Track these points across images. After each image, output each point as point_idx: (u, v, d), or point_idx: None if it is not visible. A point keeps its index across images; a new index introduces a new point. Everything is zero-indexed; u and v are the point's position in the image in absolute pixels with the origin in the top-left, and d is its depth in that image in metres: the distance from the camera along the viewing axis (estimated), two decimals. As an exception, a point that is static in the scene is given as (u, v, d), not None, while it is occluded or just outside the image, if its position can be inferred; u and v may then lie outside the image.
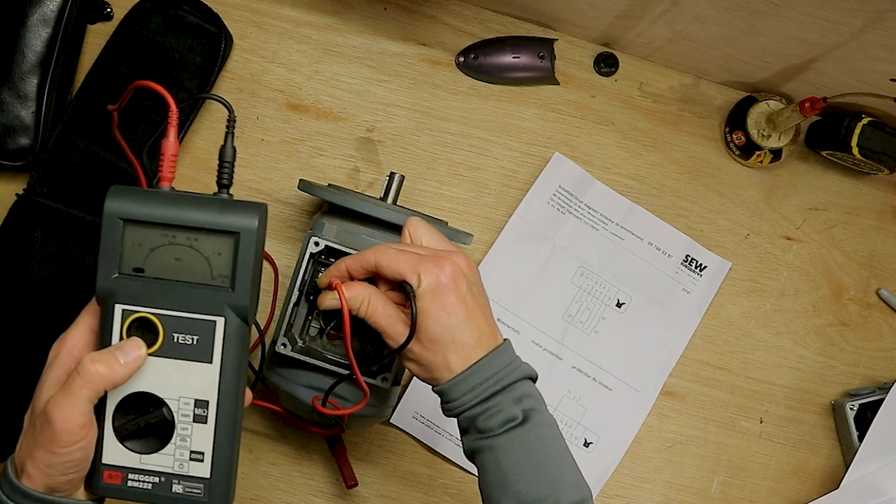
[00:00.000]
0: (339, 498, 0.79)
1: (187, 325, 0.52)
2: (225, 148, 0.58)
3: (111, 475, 0.54)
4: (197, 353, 0.53)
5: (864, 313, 0.86)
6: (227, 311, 0.52)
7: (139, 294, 0.52)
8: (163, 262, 0.52)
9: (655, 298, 0.84)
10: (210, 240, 0.52)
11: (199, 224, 0.52)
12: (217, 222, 0.52)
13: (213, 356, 0.53)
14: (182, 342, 0.53)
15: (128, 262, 0.52)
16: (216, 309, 0.52)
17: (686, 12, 0.74)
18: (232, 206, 0.53)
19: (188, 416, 0.53)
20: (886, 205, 0.88)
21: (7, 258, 0.75)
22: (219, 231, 0.52)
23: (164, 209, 0.52)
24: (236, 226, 0.52)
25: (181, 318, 0.52)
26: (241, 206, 0.53)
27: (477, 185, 0.83)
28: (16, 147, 0.76)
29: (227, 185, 0.57)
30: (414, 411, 0.80)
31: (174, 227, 0.52)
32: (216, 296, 0.52)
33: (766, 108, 0.85)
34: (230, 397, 0.53)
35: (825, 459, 0.85)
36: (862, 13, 0.67)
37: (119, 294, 0.52)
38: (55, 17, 0.77)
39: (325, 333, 0.71)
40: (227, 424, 0.53)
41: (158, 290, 0.52)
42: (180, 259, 0.52)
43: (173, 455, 0.53)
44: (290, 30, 0.83)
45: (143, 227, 0.52)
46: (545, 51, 0.84)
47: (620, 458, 0.82)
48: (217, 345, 0.53)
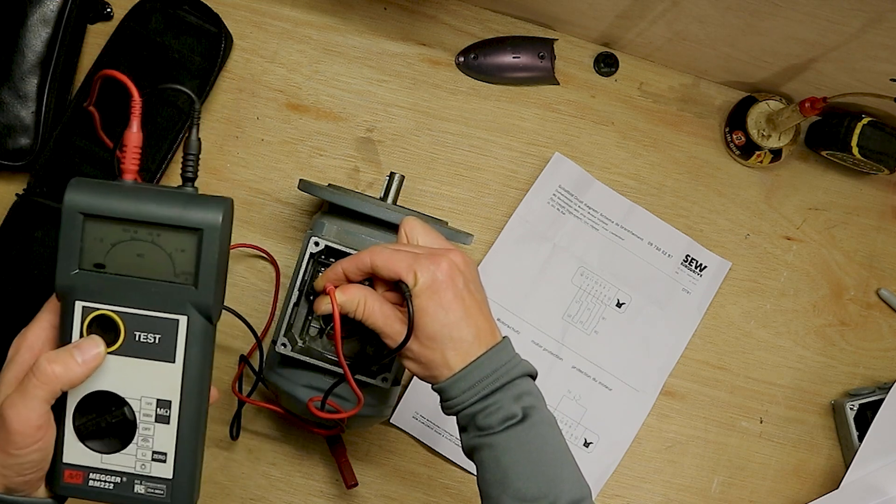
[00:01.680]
0: (339, 498, 0.79)
1: (149, 324, 0.51)
2: (189, 139, 0.55)
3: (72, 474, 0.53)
4: (159, 353, 0.51)
5: (864, 313, 0.86)
6: (190, 310, 0.51)
7: (100, 290, 0.51)
8: (124, 258, 0.51)
9: (655, 298, 0.84)
10: (172, 236, 0.51)
11: (160, 220, 0.50)
12: (179, 218, 0.50)
13: (176, 356, 0.51)
14: (144, 341, 0.51)
15: (88, 258, 0.51)
16: (179, 307, 0.51)
17: (686, 12, 0.74)
18: (195, 200, 0.51)
19: (150, 416, 0.52)
20: (886, 205, 0.88)
21: (7, 258, 0.75)
22: (181, 227, 0.50)
23: (126, 203, 0.50)
24: (199, 222, 0.50)
25: (143, 316, 0.51)
26: (204, 201, 0.51)
27: (477, 185, 0.83)
28: (16, 147, 0.76)
29: (191, 179, 0.54)
30: (414, 411, 0.80)
31: (135, 222, 0.50)
32: (179, 294, 0.51)
33: (766, 108, 0.85)
34: (193, 398, 0.52)
35: (825, 459, 0.85)
36: (862, 13, 0.67)
37: (79, 290, 0.51)
38: (55, 17, 0.77)
39: (325, 333, 0.71)
40: (191, 425, 0.52)
41: (120, 287, 0.51)
42: (142, 255, 0.51)
43: (135, 455, 0.53)
44: (290, 30, 0.83)
45: (104, 221, 0.50)
46: (545, 51, 0.84)
47: (620, 458, 0.82)
48: (180, 344, 0.51)
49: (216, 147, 0.81)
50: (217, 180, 0.81)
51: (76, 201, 0.50)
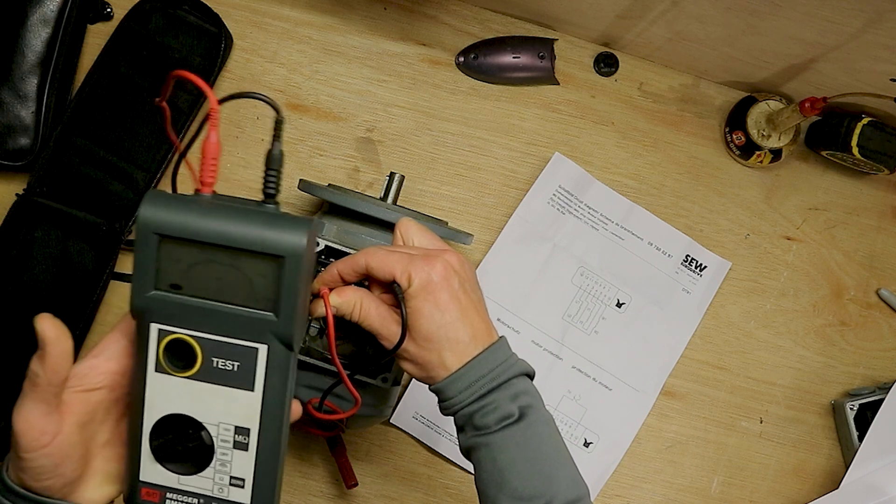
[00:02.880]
0: (339, 498, 0.79)
1: (227, 351, 0.49)
2: (272, 153, 0.51)
3: (149, 493, 0.52)
4: (238, 380, 0.50)
5: (864, 313, 0.86)
6: (270, 339, 0.49)
7: (176, 313, 0.49)
8: (202, 280, 0.48)
9: (655, 298, 0.84)
10: (253, 260, 0.48)
11: (240, 244, 0.47)
12: (261, 243, 0.47)
13: (255, 384, 0.50)
14: (222, 367, 0.49)
15: (164, 278, 0.48)
16: (258, 336, 0.49)
17: (686, 12, 0.74)
18: (278, 221, 0.48)
19: (228, 441, 0.51)
20: (886, 205, 0.88)
21: (7, 258, 0.75)
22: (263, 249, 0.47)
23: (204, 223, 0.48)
24: (282, 248, 0.47)
25: (221, 342, 0.49)
26: (288, 223, 0.48)
27: (477, 185, 0.83)
28: (16, 147, 0.76)
29: (273, 195, 0.51)
30: (414, 411, 0.80)
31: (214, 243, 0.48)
32: (259, 322, 0.49)
33: (766, 108, 0.85)
34: (273, 426, 0.51)
35: (825, 459, 0.85)
36: (862, 13, 0.67)
37: (155, 312, 0.49)
38: (55, 17, 0.77)
39: (324, 334, 0.71)
40: (270, 452, 0.51)
41: (197, 311, 0.49)
42: (221, 278, 0.48)
43: (213, 479, 0.51)
44: (290, 30, 0.83)
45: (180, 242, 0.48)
46: (545, 51, 0.84)
47: (620, 458, 0.82)
48: (259, 373, 0.49)
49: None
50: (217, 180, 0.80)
51: (152, 219, 0.47)
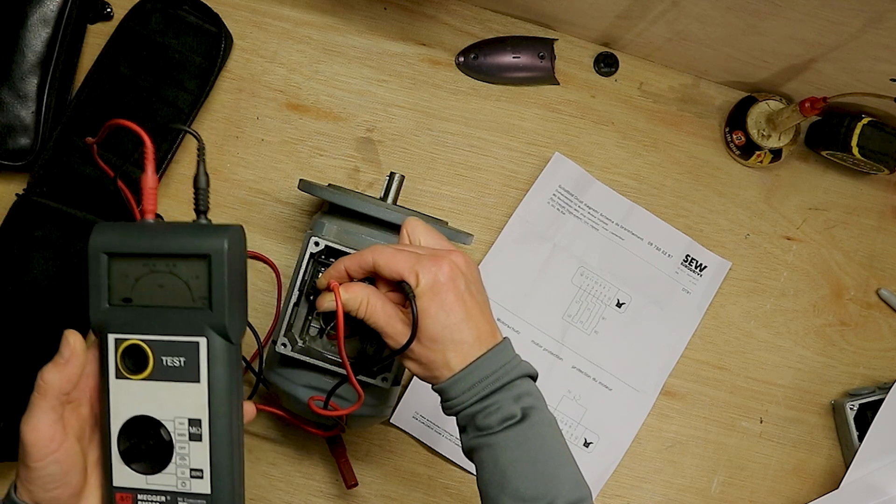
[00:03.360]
0: (339, 498, 0.79)
1: (174, 348, 0.55)
2: (198, 176, 0.60)
3: (122, 497, 0.56)
4: (185, 374, 0.55)
5: (864, 313, 0.86)
6: (208, 331, 0.55)
7: (129, 322, 0.55)
8: (148, 290, 0.55)
9: (655, 298, 0.84)
10: (187, 264, 0.55)
11: (174, 251, 0.55)
12: (190, 247, 0.55)
13: (200, 375, 0.55)
14: (171, 364, 0.55)
15: (116, 294, 0.55)
16: (198, 329, 0.55)
17: (686, 12, 0.74)
18: (204, 230, 0.56)
19: (184, 435, 0.55)
20: (886, 205, 0.88)
21: (7, 258, 0.75)
22: (193, 255, 0.55)
23: (143, 240, 0.55)
24: (207, 249, 0.54)
25: (167, 341, 0.55)
26: (212, 230, 0.56)
27: (477, 185, 0.83)
28: (16, 147, 0.76)
29: (203, 211, 0.59)
30: (414, 411, 0.80)
31: (153, 256, 0.55)
32: (197, 317, 0.55)
33: (766, 108, 0.85)
34: (221, 413, 0.55)
35: (825, 459, 0.85)
36: (862, 13, 0.67)
37: (110, 324, 0.55)
38: (55, 17, 0.77)
39: (325, 333, 0.71)
40: (222, 440, 0.55)
41: (146, 317, 0.55)
42: (163, 286, 0.55)
43: (175, 474, 0.55)
44: (290, 30, 0.83)
45: (126, 258, 0.55)
46: (545, 51, 0.84)
47: (620, 458, 0.82)
48: (203, 364, 0.55)
49: (216, 147, 0.81)
50: (217, 180, 0.81)
51: (100, 243, 0.55)
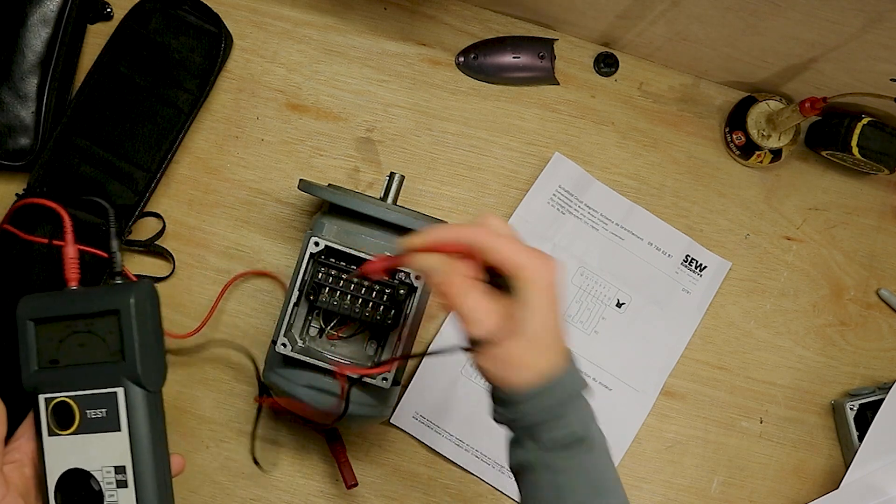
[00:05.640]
0: (339, 498, 0.79)
1: (96, 401, 0.59)
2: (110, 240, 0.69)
3: None
4: (108, 424, 0.59)
5: (864, 313, 0.86)
6: (124, 381, 0.59)
7: (56, 381, 0.60)
8: (71, 350, 0.60)
9: (655, 298, 0.84)
10: (102, 321, 0.60)
11: (89, 310, 0.60)
12: (102, 305, 0.60)
13: (121, 423, 0.58)
14: (94, 416, 0.59)
15: (44, 356, 0.60)
16: (114, 381, 0.59)
17: (686, 12, 0.74)
18: (116, 289, 0.61)
19: (112, 483, 0.58)
20: (886, 205, 0.88)
21: (7, 258, 0.75)
22: (105, 312, 0.60)
23: (64, 304, 0.61)
24: (117, 304, 0.59)
25: (90, 395, 0.59)
26: (123, 288, 0.60)
27: (477, 185, 0.83)
28: (16, 147, 0.76)
29: (117, 273, 0.68)
30: (414, 411, 0.80)
31: (73, 317, 0.60)
32: (113, 369, 0.59)
33: (766, 108, 0.85)
34: (144, 457, 0.58)
35: (825, 459, 0.85)
36: (862, 13, 0.67)
37: (40, 385, 0.60)
38: (55, 17, 0.77)
39: (325, 333, 0.71)
40: (148, 483, 0.58)
41: (71, 375, 0.59)
42: (83, 344, 0.60)
43: None
44: (290, 30, 0.83)
45: (50, 323, 0.60)
46: (545, 51, 0.84)
47: (620, 458, 0.82)
48: (122, 412, 0.58)
49: (216, 147, 0.81)
50: (217, 180, 0.81)
51: (26, 312, 0.61)
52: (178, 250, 0.79)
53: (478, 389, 0.81)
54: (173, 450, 0.62)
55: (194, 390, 0.79)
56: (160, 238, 0.79)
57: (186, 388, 0.78)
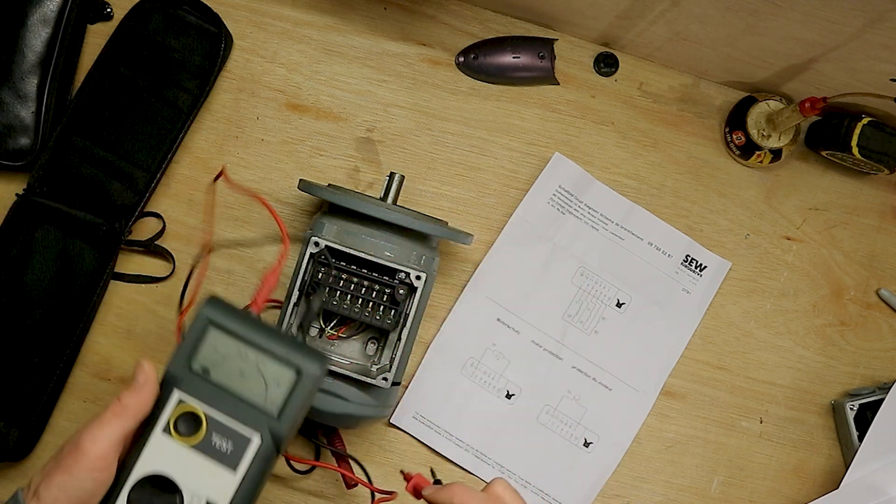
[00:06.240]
0: (339, 498, 0.79)
1: (227, 431, 0.56)
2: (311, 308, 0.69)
3: None
4: (226, 459, 0.56)
5: (864, 313, 0.86)
6: (265, 432, 0.56)
7: (199, 388, 0.57)
8: (228, 371, 0.57)
9: (655, 298, 0.84)
10: (275, 367, 0.57)
11: (272, 350, 0.57)
12: (288, 355, 0.57)
13: (239, 467, 0.56)
14: (217, 444, 0.56)
15: (200, 359, 0.57)
16: (258, 426, 0.56)
17: (686, 12, 0.74)
18: (305, 348, 0.58)
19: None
20: (886, 205, 0.88)
21: (7, 258, 0.75)
22: (286, 362, 0.57)
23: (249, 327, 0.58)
24: (302, 365, 0.57)
25: (225, 423, 0.56)
26: (313, 353, 0.58)
27: (477, 185, 0.83)
28: (16, 147, 0.76)
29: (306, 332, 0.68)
30: (414, 411, 0.80)
31: (250, 343, 0.57)
32: (262, 417, 0.56)
33: (766, 108, 0.85)
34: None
35: (825, 459, 0.85)
36: (862, 13, 0.67)
37: (182, 381, 0.57)
38: (55, 17, 0.77)
39: (324, 333, 0.71)
40: None
41: (216, 392, 0.57)
42: (244, 374, 0.57)
43: None
44: (290, 30, 0.83)
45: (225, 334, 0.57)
46: (545, 51, 0.84)
47: (620, 458, 0.82)
48: (246, 457, 0.56)
49: (216, 147, 0.81)
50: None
51: (210, 312, 0.58)
52: (178, 250, 0.79)
53: (478, 389, 0.81)
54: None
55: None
56: (160, 238, 0.79)
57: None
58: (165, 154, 0.78)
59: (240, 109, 0.81)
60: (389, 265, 0.69)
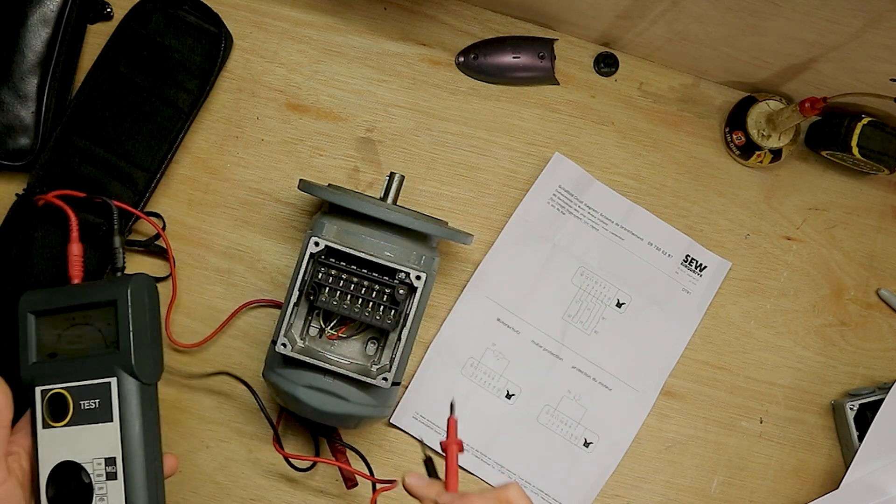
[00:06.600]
0: (339, 498, 0.79)
1: (89, 391, 0.59)
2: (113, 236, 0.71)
3: None
4: (100, 415, 0.58)
5: (864, 313, 0.86)
6: (118, 371, 0.59)
7: (53, 373, 0.60)
8: (69, 343, 0.60)
9: (655, 298, 0.84)
10: (99, 313, 0.60)
11: (88, 301, 0.60)
12: (100, 296, 0.60)
13: (113, 414, 0.58)
14: (88, 408, 0.59)
15: (42, 349, 0.61)
16: (108, 371, 0.59)
17: (686, 12, 0.74)
18: (113, 282, 0.61)
19: (101, 475, 0.58)
20: (886, 205, 0.88)
21: (7, 258, 0.75)
22: (103, 303, 0.60)
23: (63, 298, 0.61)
24: (114, 295, 0.60)
25: (84, 386, 0.59)
26: (121, 280, 0.61)
27: (477, 185, 0.83)
28: (16, 147, 0.76)
29: (119, 269, 0.70)
30: (414, 411, 0.80)
31: (72, 308, 0.60)
32: (109, 360, 0.59)
33: (766, 108, 0.85)
34: (135, 449, 0.58)
35: (825, 459, 0.85)
36: (862, 13, 0.67)
37: (37, 377, 0.60)
38: (55, 17, 0.77)
39: (324, 333, 0.71)
40: (138, 476, 0.58)
41: (67, 367, 0.60)
42: (81, 336, 0.60)
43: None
44: (290, 30, 0.83)
45: (50, 315, 0.61)
46: (545, 51, 0.84)
47: (620, 458, 0.82)
48: (114, 402, 0.58)
49: (216, 147, 0.81)
50: (217, 180, 0.81)
51: (27, 305, 0.61)
52: (178, 250, 0.79)
53: (478, 389, 0.81)
54: (173, 450, 0.62)
55: (194, 391, 0.79)
56: (160, 238, 0.79)
57: (186, 388, 0.78)
58: (165, 154, 0.78)
59: (240, 109, 0.81)
60: (389, 265, 0.69)
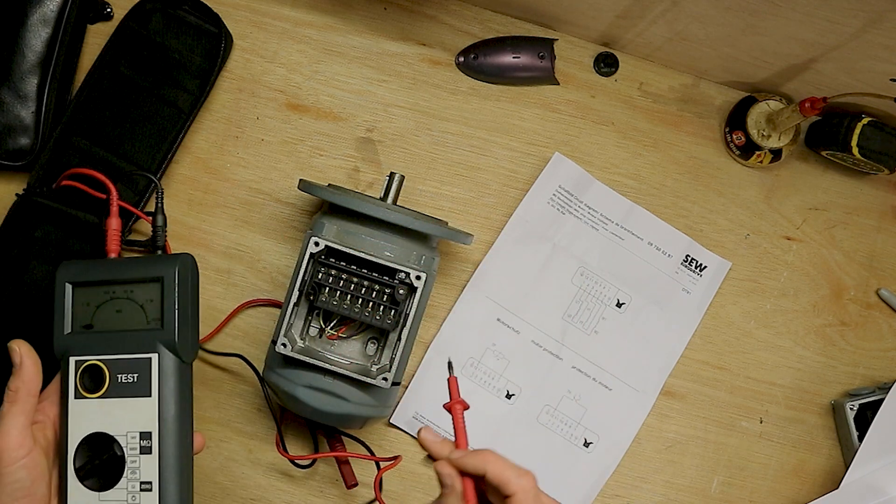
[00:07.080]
0: (338, 498, 0.79)
1: (128, 365, 0.59)
2: (156, 215, 0.71)
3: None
4: (138, 389, 0.59)
5: (864, 313, 0.86)
6: (159, 348, 0.59)
7: (89, 345, 0.60)
8: (107, 316, 0.60)
9: (655, 298, 0.84)
10: (142, 289, 0.60)
11: (131, 277, 0.61)
12: (145, 273, 0.61)
13: (152, 389, 0.59)
14: (125, 381, 0.59)
15: (78, 320, 0.61)
16: (150, 347, 0.59)
17: (686, 12, 0.74)
18: (159, 259, 0.62)
19: (135, 448, 0.58)
20: (886, 205, 0.88)
21: (7, 258, 0.75)
22: (147, 280, 0.60)
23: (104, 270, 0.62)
24: (160, 272, 0.60)
25: (122, 359, 0.59)
26: (166, 258, 0.62)
27: (477, 185, 0.83)
28: (16, 147, 0.76)
29: (160, 247, 0.70)
30: (414, 411, 0.80)
31: (113, 282, 0.61)
32: (150, 336, 0.60)
33: (766, 108, 0.85)
34: (170, 425, 0.59)
35: (825, 459, 0.85)
36: (862, 13, 0.67)
37: (71, 348, 0.60)
38: (55, 17, 0.77)
39: (324, 333, 0.71)
40: (171, 452, 0.58)
41: (104, 340, 0.60)
42: (121, 311, 0.60)
43: (126, 489, 0.58)
44: (290, 30, 0.83)
45: (88, 287, 0.61)
46: (545, 51, 0.84)
47: (620, 458, 0.82)
48: (154, 379, 0.59)
49: (216, 147, 0.81)
50: (217, 180, 0.81)
51: (65, 275, 0.61)
52: (179, 250, 0.79)
53: (478, 389, 0.81)
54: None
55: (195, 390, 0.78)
56: (160, 238, 0.79)
57: (186, 388, 0.78)
58: (165, 154, 0.78)
59: (240, 109, 0.81)
60: (389, 265, 0.69)
